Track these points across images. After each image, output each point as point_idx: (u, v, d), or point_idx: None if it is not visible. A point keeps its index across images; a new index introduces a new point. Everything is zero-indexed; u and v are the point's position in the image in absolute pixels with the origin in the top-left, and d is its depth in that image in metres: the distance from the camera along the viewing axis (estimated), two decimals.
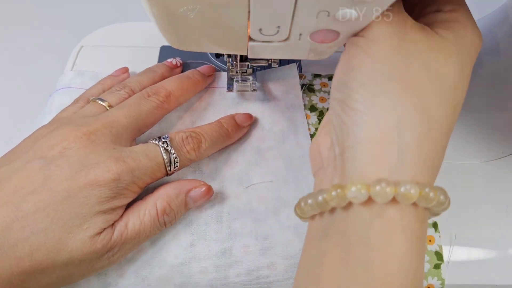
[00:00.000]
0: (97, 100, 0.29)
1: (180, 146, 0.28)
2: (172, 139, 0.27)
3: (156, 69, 0.34)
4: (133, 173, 0.25)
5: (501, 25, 0.37)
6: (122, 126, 0.27)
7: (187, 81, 0.32)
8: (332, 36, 0.21)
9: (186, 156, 0.28)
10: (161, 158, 0.26)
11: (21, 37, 0.52)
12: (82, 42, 0.39)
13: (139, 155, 0.26)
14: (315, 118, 0.34)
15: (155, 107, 0.29)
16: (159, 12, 0.19)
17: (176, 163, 0.27)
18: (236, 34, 0.21)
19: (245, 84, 0.33)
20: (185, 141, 0.28)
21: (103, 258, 0.24)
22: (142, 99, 0.29)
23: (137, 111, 0.28)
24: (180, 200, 0.27)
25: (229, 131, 0.30)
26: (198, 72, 0.33)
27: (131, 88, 0.31)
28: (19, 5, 0.56)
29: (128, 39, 0.40)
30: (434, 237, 0.29)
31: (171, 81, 0.31)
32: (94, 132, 0.26)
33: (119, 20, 0.42)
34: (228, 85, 0.34)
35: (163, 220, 0.26)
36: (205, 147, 0.29)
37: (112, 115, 0.27)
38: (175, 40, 0.23)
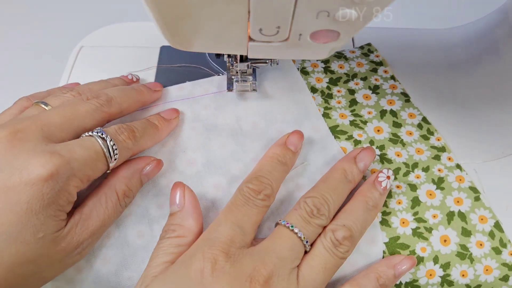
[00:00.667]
0: (39, 103, 0.28)
1: (116, 135, 0.26)
2: (107, 130, 0.26)
3: (110, 80, 0.33)
4: (71, 165, 0.23)
5: (501, 25, 0.37)
6: (55, 125, 0.25)
7: (131, 90, 0.31)
8: (332, 36, 0.21)
9: (123, 144, 0.26)
10: (98, 146, 0.25)
11: (21, 37, 0.52)
12: (82, 42, 0.39)
13: (74, 146, 0.24)
14: (320, 98, 0.35)
15: (94, 109, 0.27)
16: (159, 12, 0.19)
17: (115, 150, 0.25)
18: (236, 34, 0.21)
19: (245, 84, 0.33)
20: (118, 131, 0.27)
21: (72, 254, 0.24)
22: (80, 101, 0.27)
23: (73, 111, 0.26)
24: (136, 179, 0.27)
25: (157, 124, 0.30)
26: (143, 85, 0.33)
27: (78, 91, 0.30)
28: (19, 5, 0.56)
29: (128, 39, 0.40)
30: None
31: (114, 88, 0.30)
32: (22, 130, 0.23)
33: (119, 20, 0.42)
34: (228, 85, 0.34)
35: (124, 203, 0.26)
36: (139, 136, 0.28)
37: (46, 114, 0.25)
38: (175, 40, 0.23)
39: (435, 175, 0.31)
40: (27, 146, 0.23)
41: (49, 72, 0.42)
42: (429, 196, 0.30)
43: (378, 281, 0.25)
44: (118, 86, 0.32)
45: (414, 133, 0.33)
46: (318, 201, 0.26)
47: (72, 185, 0.23)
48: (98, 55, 0.38)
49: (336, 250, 0.25)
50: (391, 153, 0.32)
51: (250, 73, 0.33)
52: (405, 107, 0.35)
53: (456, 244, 0.28)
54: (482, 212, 0.29)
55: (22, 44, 0.51)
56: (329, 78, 0.36)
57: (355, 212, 0.26)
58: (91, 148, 0.25)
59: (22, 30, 0.53)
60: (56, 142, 0.24)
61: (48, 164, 0.22)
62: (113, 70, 0.35)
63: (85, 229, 0.24)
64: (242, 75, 0.33)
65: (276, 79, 0.36)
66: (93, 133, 0.25)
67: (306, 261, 0.24)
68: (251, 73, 0.33)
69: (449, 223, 0.29)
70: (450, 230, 0.29)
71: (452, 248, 0.28)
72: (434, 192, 0.30)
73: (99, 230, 0.25)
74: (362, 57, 0.39)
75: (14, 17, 0.54)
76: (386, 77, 0.37)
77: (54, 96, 0.29)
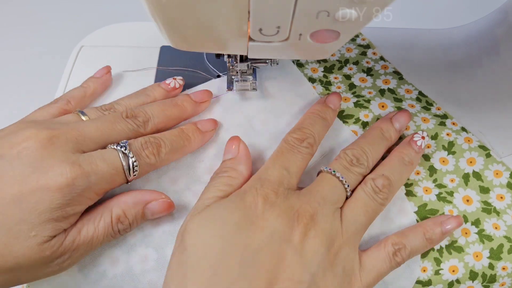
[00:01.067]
0: (79, 113, 0.28)
1: (139, 150, 0.26)
2: (131, 144, 0.26)
3: (150, 93, 0.32)
4: (89, 178, 0.24)
5: (501, 25, 0.37)
6: (90, 137, 0.26)
7: (172, 108, 0.30)
8: (332, 36, 0.21)
9: (146, 160, 0.26)
10: (119, 163, 0.25)
11: (21, 37, 0.52)
12: (82, 42, 0.39)
13: (96, 159, 0.24)
14: (320, 87, 0.36)
15: (130, 129, 0.27)
16: (159, 12, 0.19)
17: (135, 168, 0.26)
18: (236, 34, 0.21)
19: (245, 84, 0.33)
20: (144, 146, 0.27)
21: (52, 264, 0.24)
22: (118, 118, 0.27)
23: (110, 127, 0.27)
24: (137, 210, 0.26)
25: (190, 136, 0.29)
26: (189, 98, 0.31)
27: (115, 108, 0.30)
28: (19, 5, 0.56)
29: (128, 39, 0.40)
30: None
31: (154, 106, 0.29)
32: (58, 136, 0.24)
33: (119, 20, 0.42)
34: (228, 84, 0.34)
35: (117, 228, 0.26)
36: (165, 152, 0.27)
37: (83, 125, 0.26)
38: (175, 40, 0.23)
39: (445, 140, 0.32)
40: (56, 152, 0.24)
41: (49, 72, 0.42)
42: (442, 163, 0.31)
43: (424, 235, 0.27)
44: (157, 98, 0.31)
45: (416, 106, 0.34)
46: (357, 152, 0.28)
47: (86, 197, 0.24)
48: (98, 55, 0.38)
49: (376, 196, 0.26)
50: None
51: (250, 73, 0.33)
52: (400, 84, 0.36)
53: (479, 201, 0.30)
54: (495, 167, 0.31)
55: (22, 44, 0.51)
56: (324, 67, 0.37)
57: (393, 165, 0.28)
58: (112, 163, 0.25)
59: (22, 30, 0.53)
60: (85, 151, 0.25)
61: (66, 174, 0.23)
62: (113, 70, 0.35)
63: (71, 241, 0.24)
64: (242, 75, 0.33)
65: (275, 75, 0.36)
66: (117, 146, 0.26)
67: (348, 204, 0.26)
68: (251, 73, 0.33)
69: (467, 184, 0.30)
70: (469, 190, 0.30)
71: (476, 206, 0.30)
72: (446, 158, 0.31)
73: (84, 247, 0.25)
74: (350, 42, 0.39)
75: (14, 17, 0.54)
76: (375, 58, 0.38)
77: (94, 111, 0.29)
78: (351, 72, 0.37)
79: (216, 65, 0.37)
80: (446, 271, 0.28)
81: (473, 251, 0.28)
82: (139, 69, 0.37)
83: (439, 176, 0.31)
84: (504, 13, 0.37)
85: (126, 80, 0.36)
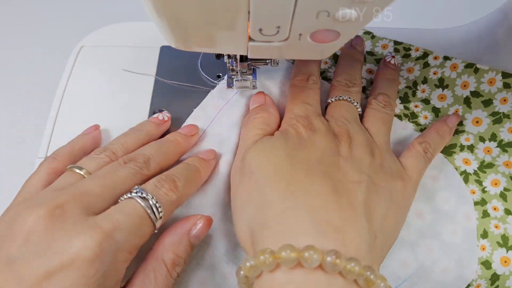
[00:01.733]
0: (73, 169, 0.26)
1: (156, 190, 0.25)
2: (145, 187, 0.25)
3: (142, 128, 0.31)
4: (115, 238, 0.21)
5: (501, 25, 0.37)
6: (95, 196, 0.23)
7: (168, 144, 0.29)
8: (332, 36, 0.21)
9: (166, 198, 0.25)
10: (141, 208, 0.23)
11: (21, 37, 0.52)
12: (82, 42, 0.39)
13: (115, 215, 0.22)
14: (409, 123, 0.35)
15: (133, 173, 0.26)
16: (159, 12, 0.19)
17: (159, 208, 0.24)
18: (236, 34, 0.21)
19: (245, 83, 0.33)
20: (158, 185, 0.25)
21: None
22: (118, 166, 0.26)
23: (113, 178, 0.25)
24: (185, 244, 0.25)
25: (197, 165, 0.29)
26: (179, 134, 0.31)
27: (112, 151, 0.28)
28: (19, 5, 0.56)
29: (128, 39, 0.40)
30: None
31: (149, 146, 0.29)
32: (60, 205, 0.22)
33: (119, 20, 0.42)
34: (228, 83, 0.34)
35: (175, 273, 0.24)
36: (181, 185, 0.26)
37: (83, 185, 0.24)
38: (175, 40, 0.23)
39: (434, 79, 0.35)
40: (67, 225, 0.21)
41: (49, 72, 0.42)
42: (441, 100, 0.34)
43: (438, 132, 0.31)
44: (150, 131, 0.31)
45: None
46: (347, 76, 0.33)
47: (120, 260, 0.22)
48: (98, 55, 0.38)
49: (384, 109, 0.31)
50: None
51: (250, 73, 0.33)
52: (480, 77, 0.34)
53: (487, 117, 0.32)
54: (487, 76, 0.33)
55: (22, 44, 0.51)
56: (399, 98, 0.36)
57: (383, 83, 0.34)
58: (133, 213, 0.23)
59: (22, 30, 0.53)
60: (98, 213, 0.22)
61: (90, 243, 0.20)
62: (113, 70, 0.35)
63: None
64: (242, 74, 0.33)
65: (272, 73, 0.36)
66: (132, 194, 0.24)
67: (366, 121, 0.31)
68: (251, 73, 0.33)
69: (471, 107, 0.33)
70: (475, 111, 0.33)
71: (486, 122, 0.32)
72: (443, 94, 0.34)
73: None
74: (408, 61, 0.37)
75: (14, 17, 0.54)
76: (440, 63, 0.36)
77: (89, 159, 0.27)
78: (426, 95, 0.35)
79: (209, 70, 0.37)
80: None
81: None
82: (139, 73, 0.37)
83: (442, 113, 0.34)
84: (504, 13, 0.37)
85: (126, 81, 0.36)
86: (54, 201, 0.22)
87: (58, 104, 0.35)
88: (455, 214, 0.30)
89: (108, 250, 0.21)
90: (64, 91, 0.36)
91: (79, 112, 0.35)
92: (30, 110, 0.44)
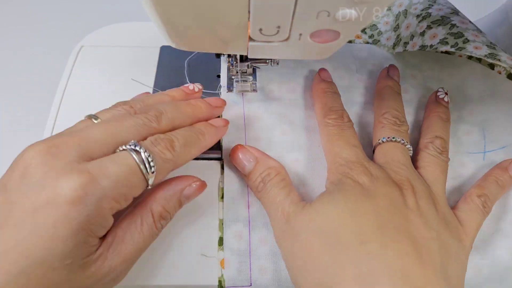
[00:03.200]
0: (91, 117, 0.26)
1: (151, 146, 0.24)
2: (141, 143, 0.24)
3: (168, 92, 0.30)
4: (102, 184, 0.21)
5: (501, 25, 0.37)
6: (94, 141, 0.23)
7: (186, 106, 0.28)
8: (332, 36, 0.21)
9: (161, 155, 0.24)
10: (132, 159, 0.22)
11: (21, 37, 0.52)
12: (82, 42, 0.39)
13: (106, 163, 0.22)
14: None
15: (141, 124, 0.25)
16: (159, 12, 0.19)
17: (151, 163, 0.23)
18: (236, 34, 0.21)
19: (245, 85, 0.33)
20: (154, 142, 0.24)
21: (105, 280, 0.22)
22: (127, 115, 0.26)
23: (117, 125, 0.24)
24: (175, 200, 0.26)
25: (203, 130, 0.28)
26: (202, 100, 0.30)
27: (130, 105, 0.27)
28: (19, 5, 0.56)
29: (128, 39, 0.40)
30: None
31: (166, 103, 0.28)
32: (57, 145, 0.22)
33: (119, 20, 0.42)
34: (228, 85, 0.34)
35: (160, 225, 0.25)
36: (179, 145, 0.25)
37: (87, 130, 0.24)
38: (175, 40, 0.23)
39: None
40: (58, 164, 0.21)
41: (49, 72, 0.42)
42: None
43: (497, 182, 0.29)
44: (176, 97, 0.30)
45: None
46: (393, 113, 0.31)
47: (106, 207, 0.21)
48: (98, 55, 0.38)
49: (441, 156, 0.29)
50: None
51: (250, 73, 0.33)
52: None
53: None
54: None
55: (22, 44, 0.51)
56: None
57: (437, 125, 0.31)
58: (123, 163, 0.22)
59: (22, 30, 0.53)
60: (94, 159, 0.22)
61: (74, 184, 0.20)
62: (113, 70, 0.35)
63: (117, 253, 0.22)
64: (242, 75, 0.33)
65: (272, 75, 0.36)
66: (127, 146, 0.23)
67: (424, 168, 0.29)
68: (251, 73, 0.33)
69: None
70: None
71: None
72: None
73: (133, 254, 0.23)
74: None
75: (14, 17, 0.54)
76: None
77: (106, 110, 0.27)
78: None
79: (195, 75, 0.37)
80: None
81: None
82: (139, 81, 0.37)
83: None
84: (504, 13, 0.37)
85: (126, 81, 0.36)
86: (54, 141, 0.22)
87: (58, 104, 0.35)
88: None
89: (92, 194, 0.21)
90: (64, 91, 0.36)
91: (79, 112, 0.35)
92: (30, 110, 0.44)
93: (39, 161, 0.21)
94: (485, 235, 0.29)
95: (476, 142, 0.33)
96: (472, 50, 0.30)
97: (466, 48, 0.30)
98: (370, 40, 0.40)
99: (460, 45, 0.31)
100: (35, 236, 0.20)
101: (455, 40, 0.31)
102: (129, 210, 0.25)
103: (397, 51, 0.37)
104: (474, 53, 0.30)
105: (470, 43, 0.30)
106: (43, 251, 0.20)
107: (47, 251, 0.20)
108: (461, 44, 0.31)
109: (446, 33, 0.32)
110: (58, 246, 0.20)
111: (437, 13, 0.34)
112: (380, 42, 0.39)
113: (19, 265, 0.19)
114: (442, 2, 0.36)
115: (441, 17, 0.34)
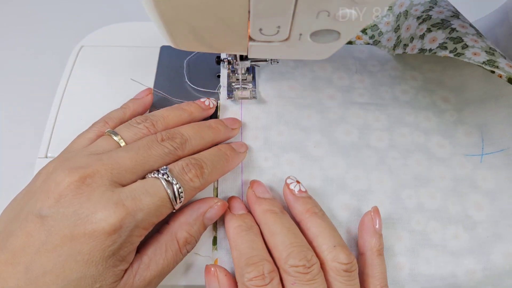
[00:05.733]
0: (111, 134, 0.27)
1: (182, 175, 0.25)
2: (172, 169, 0.25)
3: (186, 108, 0.31)
4: (135, 217, 0.23)
5: (501, 25, 0.37)
6: (125, 169, 0.24)
7: (207, 130, 0.29)
8: (332, 36, 0.21)
9: (190, 184, 0.25)
10: (164, 192, 0.24)
11: (21, 37, 0.52)
12: (82, 42, 0.39)
13: (139, 193, 0.23)
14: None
15: (167, 153, 0.26)
16: (159, 13, 0.19)
17: (181, 194, 0.24)
18: (236, 34, 0.21)
19: (245, 92, 0.33)
20: (185, 169, 0.25)
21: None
22: (154, 143, 0.26)
23: (145, 155, 0.25)
24: (199, 224, 0.26)
25: (228, 154, 0.29)
26: (222, 123, 0.31)
27: (152, 122, 0.28)
28: (18, 5, 0.56)
29: (128, 39, 0.40)
30: None
31: (189, 127, 0.29)
32: (91, 175, 0.23)
33: (119, 20, 0.42)
34: (228, 92, 0.34)
35: (185, 250, 0.26)
36: (208, 172, 0.26)
37: (116, 156, 0.25)
38: (175, 40, 0.23)
39: None
40: (94, 194, 0.22)
41: (49, 72, 0.42)
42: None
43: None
44: (194, 113, 0.31)
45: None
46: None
47: (136, 235, 0.23)
48: (98, 55, 0.38)
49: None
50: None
51: (250, 80, 0.33)
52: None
53: None
54: None
55: (22, 44, 0.51)
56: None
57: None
58: (156, 194, 0.24)
59: (22, 30, 0.53)
60: (125, 184, 0.24)
61: (112, 218, 0.22)
62: (113, 70, 0.35)
63: (142, 280, 0.24)
64: (242, 81, 0.33)
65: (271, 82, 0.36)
66: (159, 174, 0.24)
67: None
68: (250, 80, 0.33)
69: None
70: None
71: None
72: None
73: (156, 279, 0.24)
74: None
75: (14, 17, 0.54)
76: None
77: (127, 127, 0.28)
78: None
79: (196, 78, 0.36)
80: None
81: None
82: (139, 82, 0.37)
83: None
84: (504, 13, 0.37)
85: (126, 81, 0.36)
86: (87, 170, 0.23)
87: (58, 104, 0.35)
88: None
89: (127, 226, 0.22)
90: (64, 91, 0.36)
91: (79, 112, 0.35)
92: (30, 110, 0.44)
93: (74, 191, 0.22)
94: (480, 238, 0.29)
95: (474, 144, 0.33)
96: (471, 57, 0.30)
97: (465, 54, 0.30)
98: (371, 41, 0.40)
99: (459, 50, 0.31)
100: (72, 261, 0.21)
101: (454, 46, 0.31)
102: (154, 236, 0.25)
103: (397, 52, 0.37)
104: (472, 59, 0.30)
105: (469, 49, 0.31)
106: (77, 274, 0.22)
107: (81, 274, 0.22)
108: (460, 50, 0.31)
109: (445, 37, 0.32)
110: (90, 270, 0.22)
111: (437, 16, 0.34)
112: (380, 43, 0.39)
113: (56, 287, 0.21)
114: (443, 4, 0.36)
115: (441, 20, 0.34)
